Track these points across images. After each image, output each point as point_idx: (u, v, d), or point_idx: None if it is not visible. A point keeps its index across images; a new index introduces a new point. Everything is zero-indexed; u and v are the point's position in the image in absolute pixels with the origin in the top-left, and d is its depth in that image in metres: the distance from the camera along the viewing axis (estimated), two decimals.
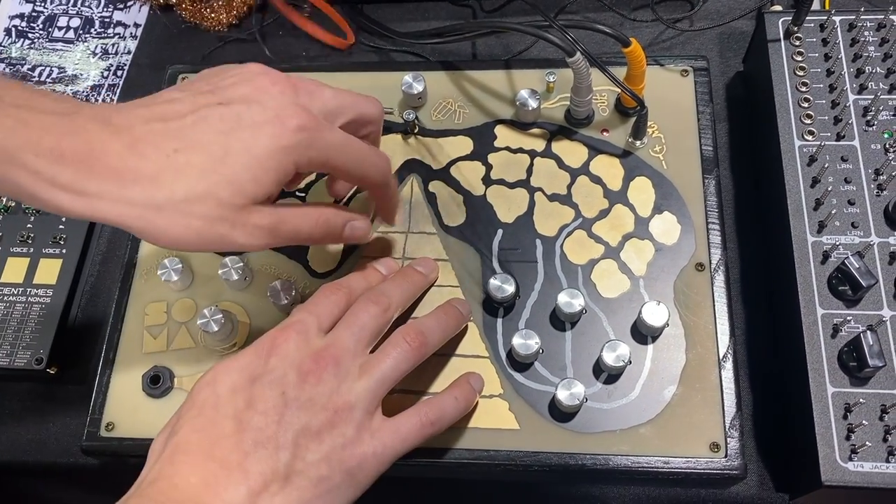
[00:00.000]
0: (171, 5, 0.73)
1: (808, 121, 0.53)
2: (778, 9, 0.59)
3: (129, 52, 0.72)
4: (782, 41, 0.56)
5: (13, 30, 0.75)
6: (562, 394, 0.47)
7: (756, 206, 0.58)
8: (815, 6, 0.57)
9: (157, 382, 0.51)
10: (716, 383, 0.49)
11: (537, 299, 0.52)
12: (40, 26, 0.75)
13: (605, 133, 0.57)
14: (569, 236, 0.54)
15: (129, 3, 0.75)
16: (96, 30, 0.74)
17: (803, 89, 0.54)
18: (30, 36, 0.74)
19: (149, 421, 0.51)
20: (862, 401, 0.45)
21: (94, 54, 0.73)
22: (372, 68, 0.63)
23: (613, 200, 0.55)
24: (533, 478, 0.51)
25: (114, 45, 0.73)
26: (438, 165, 0.58)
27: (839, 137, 0.53)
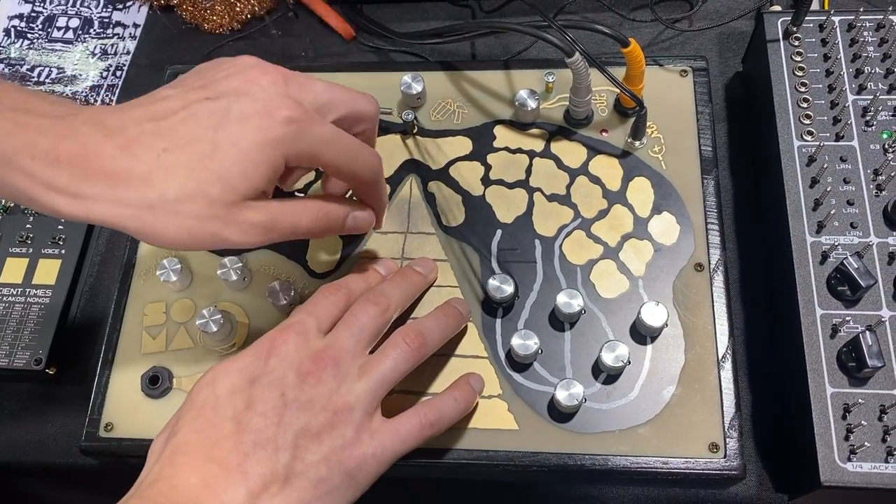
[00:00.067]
0: (172, 6, 0.73)
1: (807, 121, 0.53)
2: (777, 9, 0.59)
3: (128, 53, 0.72)
4: (781, 41, 0.56)
5: (12, 30, 0.75)
6: (561, 394, 0.47)
7: (755, 207, 0.58)
8: (815, 6, 0.57)
9: (156, 383, 0.51)
10: (715, 384, 0.49)
11: (536, 300, 0.52)
12: (39, 27, 0.75)
13: (605, 133, 0.57)
14: (568, 236, 0.54)
15: (129, 4, 0.75)
16: (95, 30, 0.74)
17: (802, 89, 0.54)
18: (29, 36, 0.74)
19: (148, 421, 0.51)
20: (861, 401, 0.45)
21: (94, 55, 0.73)
22: (371, 68, 0.63)
23: (612, 201, 0.55)
24: (532, 478, 0.51)
25: (113, 45, 0.73)
26: (437, 166, 0.57)
27: (838, 138, 0.53)
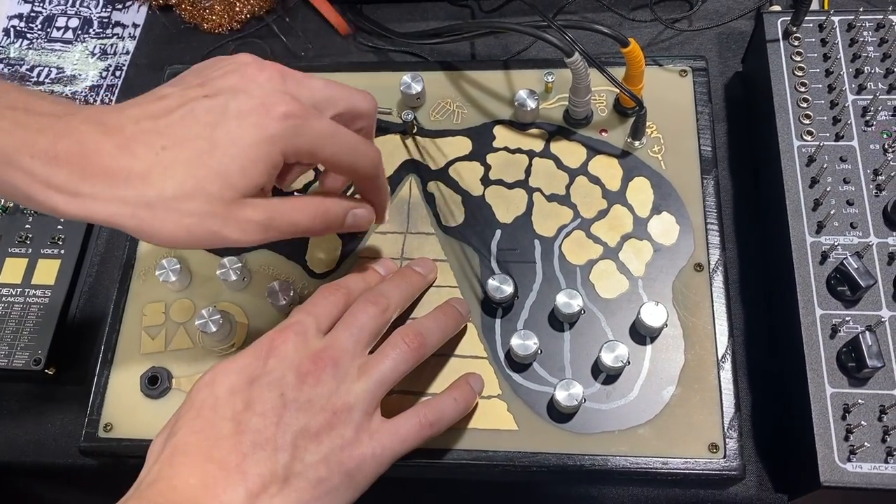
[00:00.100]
0: (171, 5, 0.73)
1: (806, 121, 0.53)
2: (777, 9, 0.59)
3: (127, 53, 0.72)
4: (781, 41, 0.56)
5: (12, 30, 0.75)
6: (560, 394, 0.47)
7: (755, 207, 0.58)
8: (814, 6, 0.57)
9: (156, 383, 0.51)
10: (714, 384, 0.49)
11: (536, 300, 0.52)
12: (39, 26, 0.75)
13: (604, 133, 0.57)
14: (567, 237, 0.54)
15: (128, 4, 0.75)
16: (95, 30, 0.74)
17: (802, 89, 0.54)
18: (28, 36, 0.74)
19: (147, 422, 0.51)
20: (861, 401, 0.45)
21: (93, 55, 0.72)
22: (370, 68, 0.63)
23: (612, 201, 0.55)
24: (531, 478, 0.51)
25: (112, 45, 0.73)
26: (437, 166, 0.57)
27: (838, 138, 0.53)
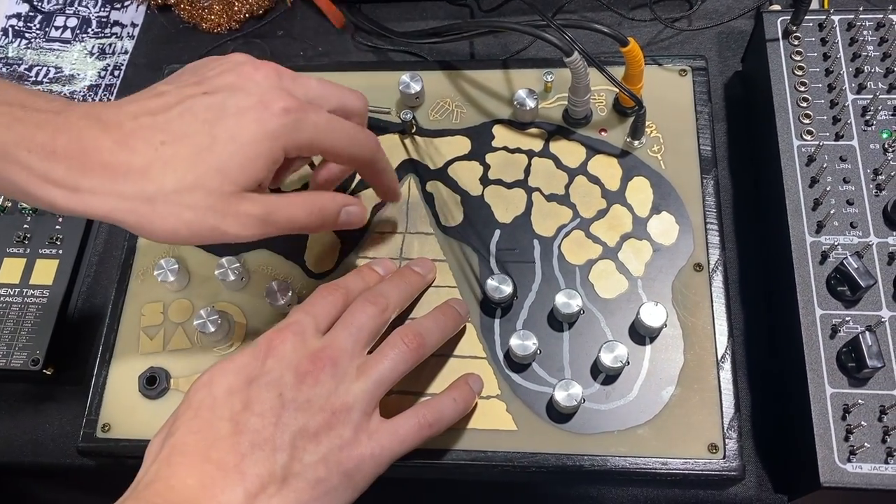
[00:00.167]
0: (169, 5, 0.73)
1: (806, 120, 0.53)
2: (776, 8, 0.59)
3: (126, 52, 0.72)
4: (781, 41, 0.56)
5: (10, 29, 0.74)
6: (559, 395, 0.47)
7: (755, 207, 0.58)
8: (814, 5, 0.57)
9: (154, 383, 0.51)
10: (714, 384, 0.48)
11: (535, 300, 0.52)
12: (37, 26, 0.74)
13: (604, 133, 0.57)
14: (567, 236, 0.54)
15: (127, 3, 0.75)
16: (93, 30, 0.74)
17: (802, 89, 0.54)
18: (27, 36, 0.74)
19: (145, 422, 0.51)
20: (861, 402, 0.45)
21: (92, 54, 0.72)
22: (369, 68, 0.62)
23: (611, 200, 0.55)
24: (530, 479, 0.51)
25: (111, 45, 0.73)
26: (436, 165, 0.57)
27: (838, 137, 0.52)
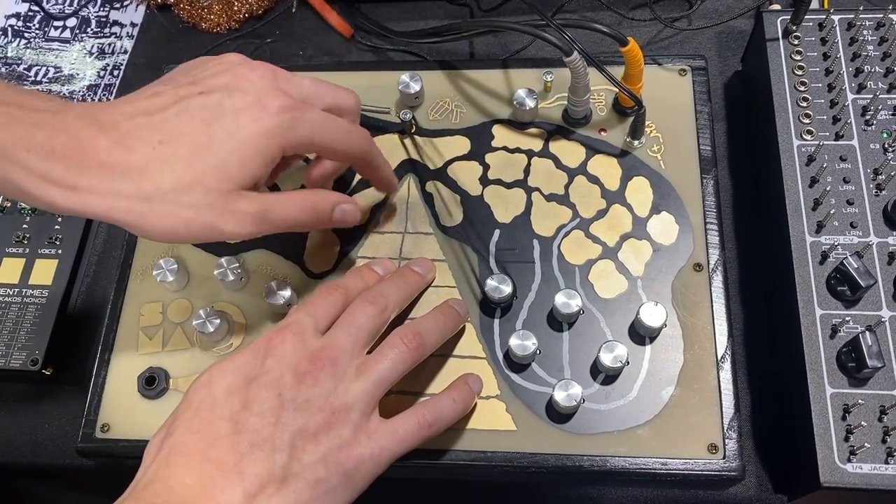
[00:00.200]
0: (169, 5, 0.73)
1: (806, 120, 0.53)
2: (776, 8, 0.59)
3: (125, 52, 0.72)
4: (781, 40, 0.56)
5: (9, 29, 0.74)
6: (559, 395, 0.47)
7: (754, 206, 0.58)
8: (814, 5, 0.57)
9: (153, 383, 0.51)
10: (714, 384, 0.48)
11: (535, 300, 0.52)
12: (37, 26, 0.74)
13: (603, 133, 0.57)
14: (566, 236, 0.54)
15: (126, 3, 0.75)
16: (93, 29, 0.74)
17: (802, 88, 0.54)
18: (26, 35, 0.74)
19: (144, 422, 0.51)
20: (861, 402, 0.45)
21: (91, 54, 0.72)
22: (369, 68, 0.62)
23: (611, 200, 0.55)
24: (530, 479, 0.51)
25: (110, 44, 0.73)
26: (435, 165, 0.57)
27: (838, 137, 0.52)
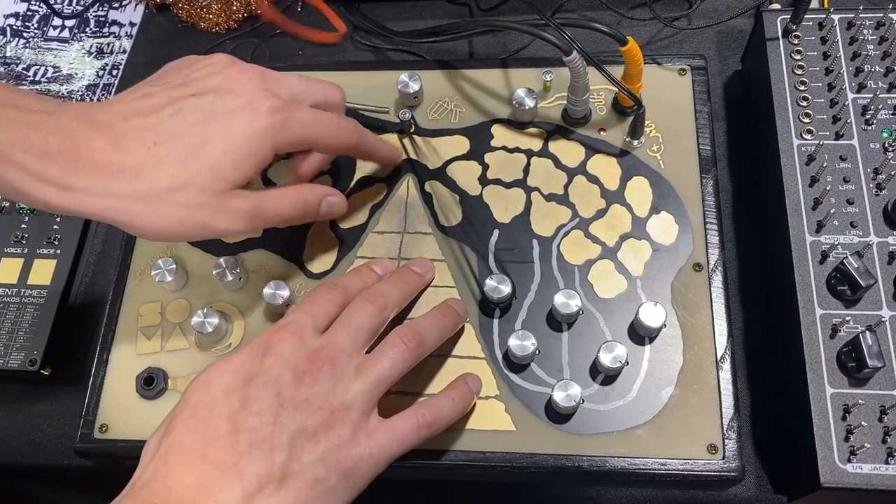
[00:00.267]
0: (168, 4, 0.72)
1: (806, 120, 0.53)
2: (776, 7, 0.58)
3: (124, 52, 0.72)
4: (781, 40, 0.56)
5: (8, 29, 0.74)
6: (558, 395, 0.47)
7: (754, 206, 0.58)
8: (814, 4, 0.57)
9: (151, 384, 0.51)
10: (713, 384, 0.48)
11: (534, 300, 0.52)
12: (35, 25, 0.74)
13: (603, 132, 0.57)
14: (566, 236, 0.54)
15: (125, 3, 0.75)
16: (92, 29, 0.74)
17: (802, 88, 0.54)
18: (25, 35, 0.74)
19: (143, 422, 0.51)
20: (861, 402, 0.45)
21: (90, 53, 0.72)
22: (368, 67, 0.62)
23: (611, 200, 0.54)
24: (529, 479, 0.51)
25: (109, 44, 0.73)
26: (434, 165, 0.57)
27: (838, 136, 0.52)
